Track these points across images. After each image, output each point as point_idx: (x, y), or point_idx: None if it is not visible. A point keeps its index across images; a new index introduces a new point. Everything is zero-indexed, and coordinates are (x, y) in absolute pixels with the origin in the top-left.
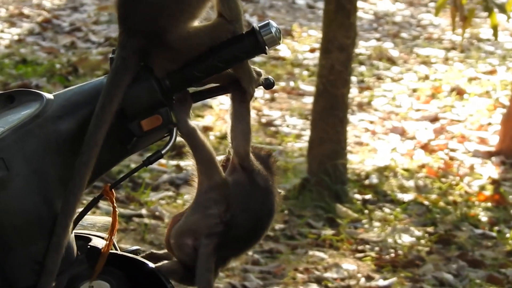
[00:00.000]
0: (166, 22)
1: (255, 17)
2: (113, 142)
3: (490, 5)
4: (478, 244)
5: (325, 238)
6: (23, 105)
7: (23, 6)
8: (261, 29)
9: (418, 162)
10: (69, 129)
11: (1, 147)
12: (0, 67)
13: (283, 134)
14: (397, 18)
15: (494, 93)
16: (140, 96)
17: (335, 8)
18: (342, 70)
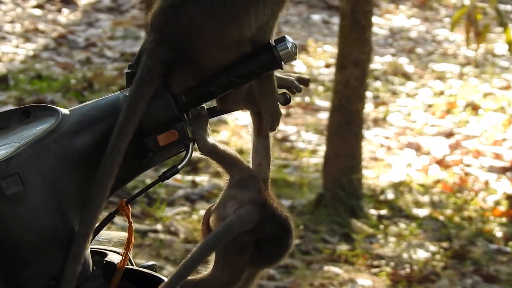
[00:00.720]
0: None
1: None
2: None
3: (505, 21)
4: (493, 259)
5: (341, 253)
6: (38, 120)
7: (38, 22)
8: (277, 45)
9: (433, 178)
10: (85, 144)
11: (17, 162)
12: (15, 82)
13: (298, 149)
14: (412, 34)
15: (509, 108)
16: (157, 111)
17: (350, 24)
18: (357, 86)
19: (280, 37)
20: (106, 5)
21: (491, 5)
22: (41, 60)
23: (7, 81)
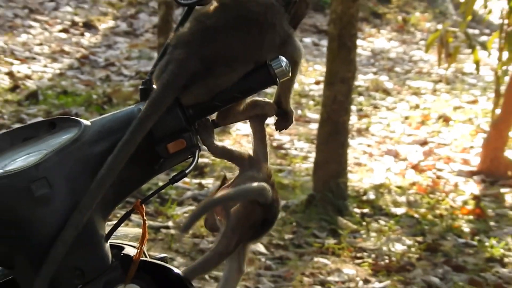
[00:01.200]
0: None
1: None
2: (142, 163)
3: (473, 43)
4: (461, 251)
5: (328, 247)
6: (63, 131)
7: (64, 44)
8: (272, 64)
9: (409, 180)
10: (104, 152)
11: (44, 167)
12: (44, 98)
13: (291, 156)
14: (392, 55)
15: (476, 120)
16: (167, 123)
17: (338, 46)
18: (343, 100)
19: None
20: (123, 30)
21: (461, 30)
22: (67, 78)
23: (37, 96)
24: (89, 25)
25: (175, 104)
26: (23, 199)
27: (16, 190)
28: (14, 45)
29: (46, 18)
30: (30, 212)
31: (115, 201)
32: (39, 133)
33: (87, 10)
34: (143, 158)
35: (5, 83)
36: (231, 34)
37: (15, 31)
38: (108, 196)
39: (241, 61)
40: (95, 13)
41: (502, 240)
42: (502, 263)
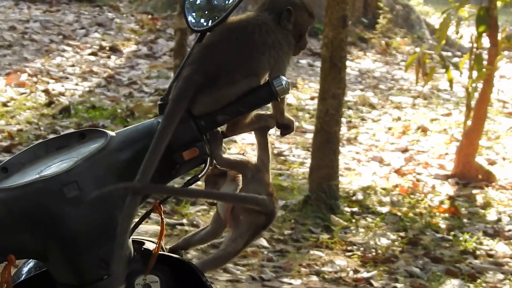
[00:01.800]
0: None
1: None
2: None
3: (446, 64)
4: (438, 245)
5: (322, 241)
6: (92, 140)
7: (93, 65)
8: (274, 82)
9: (393, 183)
10: (127, 159)
11: (75, 172)
12: (75, 112)
13: (290, 162)
14: (376, 74)
15: (450, 130)
16: (182, 134)
17: (329, 66)
18: (334, 113)
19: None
20: (144, 53)
21: (436, 52)
22: (95, 95)
23: (69, 110)
24: (115, 49)
25: (189, 117)
26: (56, 200)
27: (50, 193)
28: (50, 66)
29: (77, 43)
30: (63, 211)
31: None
32: (70, 143)
33: (113, 36)
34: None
35: (42, 99)
36: (226, 48)
37: (50, 54)
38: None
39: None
40: (120, 38)
41: (474, 235)
42: (475, 255)
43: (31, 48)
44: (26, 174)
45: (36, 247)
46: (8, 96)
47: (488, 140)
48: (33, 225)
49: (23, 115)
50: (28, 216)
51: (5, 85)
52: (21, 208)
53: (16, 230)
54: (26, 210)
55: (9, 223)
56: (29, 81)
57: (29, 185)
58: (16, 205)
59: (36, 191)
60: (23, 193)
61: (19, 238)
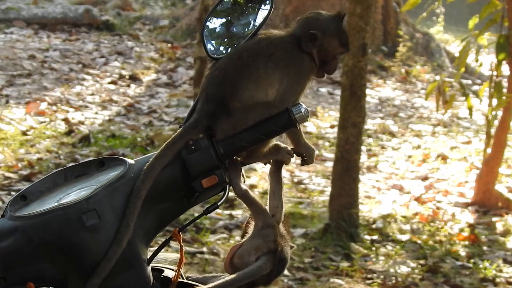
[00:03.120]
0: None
1: None
2: (180, 196)
3: (466, 92)
4: (458, 273)
5: (343, 269)
6: (111, 168)
7: (112, 94)
8: (293, 109)
9: (413, 211)
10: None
11: (94, 200)
12: (95, 140)
13: (310, 190)
14: (396, 102)
15: (470, 158)
16: (201, 161)
17: (349, 94)
18: (354, 141)
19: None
20: (164, 81)
21: (456, 80)
22: (115, 123)
23: (89, 139)
24: (134, 77)
25: (209, 145)
26: (75, 228)
27: (69, 220)
28: (70, 95)
29: (97, 72)
30: (82, 239)
31: (155, 230)
32: (89, 171)
33: (132, 65)
34: (181, 192)
35: (62, 128)
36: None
37: (70, 83)
38: (150, 225)
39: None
40: (140, 67)
41: (494, 262)
42: (494, 282)
43: (50, 77)
44: (45, 202)
45: (56, 275)
46: (28, 125)
47: (508, 167)
48: (53, 254)
49: (42, 143)
50: (47, 244)
51: (24, 113)
52: (40, 236)
53: (35, 258)
54: (45, 239)
55: (28, 252)
56: (49, 110)
57: (48, 213)
58: (35, 233)
59: (55, 219)
60: (42, 221)
61: (38, 266)
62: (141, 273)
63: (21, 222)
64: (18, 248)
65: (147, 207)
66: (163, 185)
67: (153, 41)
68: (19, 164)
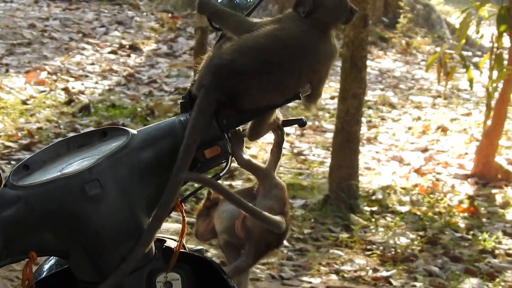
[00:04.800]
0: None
1: None
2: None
3: (467, 64)
4: (457, 244)
5: (342, 240)
6: (113, 139)
7: (113, 64)
8: None
9: (412, 182)
10: (149, 158)
11: (97, 170)
12: (95, 110)
13: (310, 161)
14: (397, 73)
15: (470, 130)
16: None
17: (350, 66)
18: (355, 113)
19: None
20: (164, 51)
21: (456, 52)
22: (115, 93)
23: (89, 109)
24: (135, 47)
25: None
26: (77, 198)
27: (71, 190)
28: (70, 64)
29: (97, 41)
30: (84, 209)
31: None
32: (92, 141)
33: (133, 34)
34: None
35: (62, 97)
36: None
37: (70, 52)
38: (153, 195)
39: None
40: (140, 37)
41: (493, 234)
42: (494, 254)
43: (50, 46)
44: (48, 172)
45: (58, 245)
46: (28, 94)
47: (508, 140)
48: (55, 224)
49: (42, 113)
50: (50, 214)
51: (24, 83)
52: (43, 206)
53: (37, 228)
54: (48, 208)
55: (31, 222)
56: (49, 79)
57: (51, 182)
58: (37, 203)
59: (57, 189)
60: (44, 190)
61: (41, 236)
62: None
63: (23, 191)
64: (21, 218)
65: (150, 178)
66: (166, 156)
67: (153, 11)
68: (19, 134)
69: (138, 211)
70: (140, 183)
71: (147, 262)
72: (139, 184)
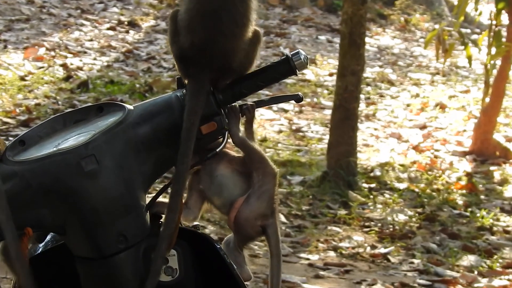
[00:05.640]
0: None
1: (288, 49)
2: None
3: (465, 41)
4: (455, 221)
5: (340, 217)
6: (110, 114)
7: (111, 40)
8: (293, 56)
9: (411, 159)
10: (145, 133)
11: (93, 146)
12: (93, 86)
13: (308, 138)
14: (395, 50)
15: (468, 107)
16: None
17: (348, 43)
18: (353, 90)
19: (295, 51)
20: (163, 28)
21: (455, 29)
22: (113, 69)
23: (87, 85)
24: (133, 23)
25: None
26: (74, 173)
27: (68, 166)
28: (68, 40)
29: (96, 17)
30: (80, 185)
31: (154, 175)
32: (88, 116)
33: (131, 10)
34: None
35: (60, 74)
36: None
37: (69, 28)
38: (148, 171)
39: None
40: (139, 13)
41: (491, 211)
42: (491, 231)
43: (49, 22)
44: (44, 147)
45: (54, 220)
46: (26, 70)
47: (506, 117)
48: (51, 199)
49: (41, 89)
50: (46, 189)
51: (23, 59)
52: (39, 181)
53: (34, 204)
54: (44, 184)
55: (27, 197)
56: (47, 55)
57: (47, 158)
58: (34, 178)
59: (53, 164)
60: (40, 166)
61: (37, 212)
62: (139, 218)
63: (19, 167)
64: (17, 193)
65: (146, 153)
66: (162, 131)
67: None
68: (17, 110)
69: (134, 187)
70: (136, 158)
71: (144, 238)
72: (136, 160)
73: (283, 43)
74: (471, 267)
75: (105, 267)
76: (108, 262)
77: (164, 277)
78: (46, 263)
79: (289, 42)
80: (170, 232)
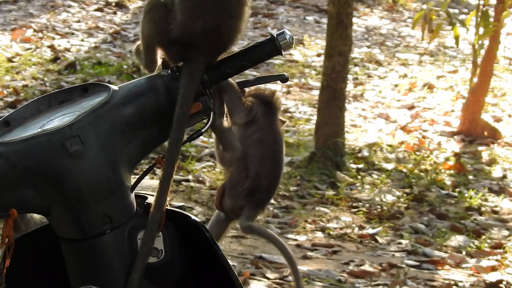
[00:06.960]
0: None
1: (275, 30)
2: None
3: (453, 21)
4: (443, 201)
5: (328, 197)
6: (94, 95)
7: (99, 21)
8: (278, 36)
9: (398, 140)
10: (130, 114)
11: (78, 127)
12: (81, 68)
13: (296, 118)
14: (383, 31)
15: (456, 87)
16: None
17: (336, 23)
18: (341, 70)
19: (281, 31)
20: None
21: (443, 9)
22: (101, 51)
23: (75, 66)
24: (121, 4)
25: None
26: (58, 154)
27: (52, 147)
28: (56, 22)
29: None
30: (65, 165)
31: (139, 156)
32: (73, 97)
33: None
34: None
35: (47, 55)
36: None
37: (56, 10)
38: (133, 151)
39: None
40: None
41: (479, 191)
42: (479, 211)
43: (36, 3)
44: (28, 128)
45: (39, 202)
46: (14, 52)
47: (494, 97)
48: (36, 180)
49: (28, 70)
50: (30, 170)
51: (10, 40)
52: (23, 162)
53: (18, 185)
54: (28, 165)
55: (12, 178)
56: (35, 37)
57: (31, 139)
58: (18, 159)
59: (38, 145)
60: (25, 147)
61: (22, 193)
62: (124, 199)
63: (4, 148)
64: (1, 175)
65: (131, 134)
66: (148, 112)
67: None
68: (5, 91)
69: (119, 167)
70: (121, 139)
71: (129, 219)
72: (121, 140)
73: (271, 23)
74: (459, 247)
75: (90, 248)
76: (93, 243)
77: (150, 258)
78: (30, 244)
79: (276, 22)
80: (160, 214)
